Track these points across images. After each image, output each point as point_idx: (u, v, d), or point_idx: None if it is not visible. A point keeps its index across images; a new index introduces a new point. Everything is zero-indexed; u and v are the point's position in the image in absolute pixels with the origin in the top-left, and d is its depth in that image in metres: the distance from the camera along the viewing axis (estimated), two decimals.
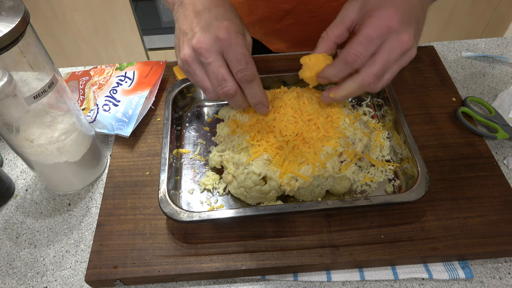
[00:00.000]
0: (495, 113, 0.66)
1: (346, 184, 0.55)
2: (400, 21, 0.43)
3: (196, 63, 0.47)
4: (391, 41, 0.44)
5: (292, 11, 0.77)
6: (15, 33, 0.42)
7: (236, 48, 0.45)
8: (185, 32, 0.47)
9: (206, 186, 0.58)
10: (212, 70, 0.46)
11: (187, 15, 0.47)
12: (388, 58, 0.44)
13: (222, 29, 0.44)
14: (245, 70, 0.45)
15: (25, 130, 0.51)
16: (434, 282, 0.51)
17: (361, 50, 0.44)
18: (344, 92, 0.50)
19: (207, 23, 0.45)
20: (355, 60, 0.45)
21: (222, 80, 0.46)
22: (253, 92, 0.48)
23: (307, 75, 0.52)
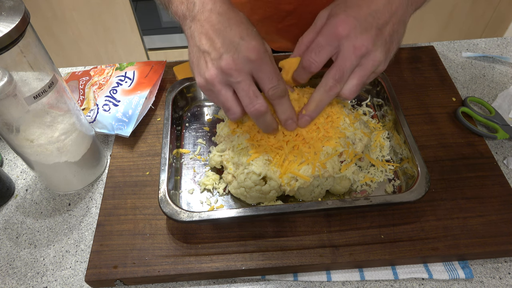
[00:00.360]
0: (495, 113, 0.66)
1: (346, 184, 0.55)
2: (351, 27, 0.46)
3: (221, 84, 0.46)
4: (344, 47, 0.46)
5: (293, 11, 0.77)
6: (15, 33, 0.42)
7: (267, 67, 0.46)
8: (207, 52, 0.46)
9: (206, 186, 0.58)
10: (242, 88, 0.46)
11: (206, 33, 0.46)
12: (343, 62, 0.47)
13: (252, 50, 0.44)
14: (277, 86, 0.47)
15: (25, 130, 0.51)
16: (434, 282, 0.51)
17: (313, 56, 0.48)
18: (314, 102, 0.51)
19: (233, 43, 0.45)
20: (310, 65, 0.49)
21: (254, 97, 0.46)
22: (284, 108, 0.49)
23: (284, 78, 0.55)
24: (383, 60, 0.48)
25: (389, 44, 0.48)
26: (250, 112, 0.47)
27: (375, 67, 0.48)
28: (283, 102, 0.49)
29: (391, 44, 0.48)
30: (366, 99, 0.68)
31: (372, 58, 0.47)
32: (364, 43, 0.46)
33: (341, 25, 0.46)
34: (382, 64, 0.48)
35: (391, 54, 0.50)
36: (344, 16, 0.46)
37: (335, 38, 0.47)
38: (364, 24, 0.46)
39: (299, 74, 0.52)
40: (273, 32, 0.84)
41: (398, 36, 0.49)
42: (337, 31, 0.46)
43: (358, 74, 0.48)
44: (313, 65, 0.49)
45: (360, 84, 0.49)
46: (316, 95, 0.51)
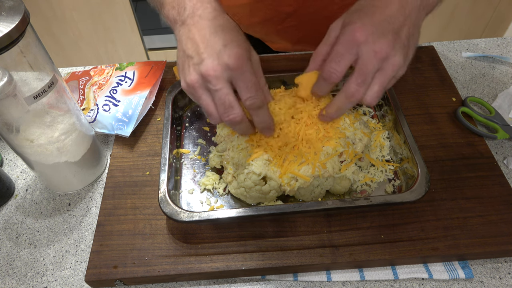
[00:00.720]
0: (495, 113, 0.66)
1: (346, 184, 0.55)
2: (368, 33, 0.46)
3: (202, 89, 0.46)
4: (364, 52, 0.46)
5: (293, 13, 0.77)
6: (15, 33, 0.42)
7: (246, 76, 0.45)
8: (191, 56, 0.46)
9: (206, 186, 0.58)
10: (219, 97, 0.45)
11: (192, 38, 0.46)
12: (364, 66, 0.47)
13: (233, 57, 0.44)
14: (254, 97, 0.46)
15: (25, 130, 0.51)
16: (434, 282, 0.51)
17: (334, 66, 0.48)
18: (334, 107, 0.51)
19: (215, 50, 0.44)
20: (330, 76, 0.48)
21: (229, 107, 0.45)
22: (261, 118, 0.49)
23: (302, 94, 0.55)
24: (403, 64, 0.48)
25: (407, 48, 0.48)
26: (225, 121, 0.47)
27: (395, 71, 0.47)
28: (260, 113, 0.48)
29: (409, 48, 0.48)
30: None
31: (392, 62, 0.47)
32: (383, 47, 0.46)
33: (358, 31, 0.46)
34: (402, 68, 0.48)
35: (410, 57, 0.49)
36: (360, 24, 0.46)
37: (353, 45, 0.46)
38: (381, 29, 0.46)
39: (320, 87, 0.52)
40: (273, 33, 0.84)
41: (414, 40, 0.49)
42: (355, 38, 0.46)
43: (379, 79, 0.48)
44: (334, 75, 0.48)
45: (381, 90, 0.48)
46: (338, 100, 0.50)
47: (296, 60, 0.60)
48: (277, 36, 0.84)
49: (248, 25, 0.83)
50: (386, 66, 0.47)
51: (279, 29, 0.81)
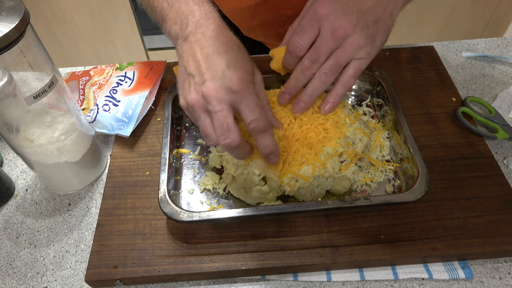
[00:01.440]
0: (495, 113, 0.66)
1: (346, 184, 0.55)
2: (332, 9, 0.46)
3: (201, 109, 0.45)
4: (324, 28, 0.47)
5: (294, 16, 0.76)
6: (15, 33, 0.42)
7: (249, 99, 0.44)
8: (192, 75, 0.45)
9: (206, 186, 0.58)
10: (217, 119, 0.44)
11: (194, 55, 0.45)
12: (319, 43, 0.48)
13: (235, 81, 0.43)
14: (258, 120, 0.45)
15: (25, 130, 0.51)
16: (434, 282, 0.51)
17: (297, 39, 0.49)
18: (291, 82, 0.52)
19: (218, 71, 0.44)
20: (294, 49, 0.49)
21: (227, 131, 0.44)
22: (265, 143, 0.47)
23: (275, 66, 0.56)
24: (365, 44, 0.48)
25: (372, 30, 0.48)
26: (222, 145, 0.45)
27: (355, 50, 0.48)
28: (264, 137, 0.47)
29: (376, 31, 0.48)
30: (366, 99, 0.68)
31: (351, 40, 0.47)
32: (343, 25, 0.46)
33: (322, 6, 0.47)
34: (365, 49, 0.48)
35: (378, 42, 0.49)
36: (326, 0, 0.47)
37: (315, 20, 0.47)
38: (345, 8, 0.46)
39: (287, 60, 0.53)
40: (273, 37, 0.84)
41: (384, 25, 0.49)
42: (318, 13, 0.47)
43: (335, 55, 0.48)
44: (297, 48, 0.49)
45: (334, 64, 0.48)
46: (294, 74, 0.52)
47: None
48: (277, 39, 0.84)
49: (248, 28, 0.83)
50: (345, 44, 0.48)
51: (279, 32, 0.81)
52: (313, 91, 0.51)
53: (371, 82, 0.67)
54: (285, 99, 0.54)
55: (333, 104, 0.53)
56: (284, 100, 0.54)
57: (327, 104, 0.54)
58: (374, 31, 0.48)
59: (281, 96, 0.55)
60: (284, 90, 0.53)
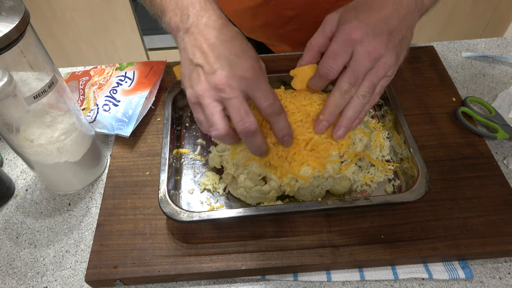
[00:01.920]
0: (495, 113, 0.66)
1: (346, 184, 0.55)
2: (364, 32, 0.47)
3: (212, 98, 0.45)
4: (358, 51, 0.48)
5: (295, 17, 0.77)
6: (15, 33, 0.42)
7: (263, 85, 0.46)
8: (201, 65, 0.45)
9: (206, 186, 0.58)
10: (234, 105, 0.44)
11: (199, 46, 0.45)
12: (356, 66, 0.48)
13: (248, 69, 0.44)
14: (273, 104, 0.46)
15: (25, 130, 0.51)
16: (434, 282, 0.51)
17: (330, 63, 0.49)
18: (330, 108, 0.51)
19: (228, 60, 0.44)
20: (327, 73, 0.50)
21: (245, 115, 0.45)
22: (281, 125, 0.49)
23: (298, 87, 0.56)
24: (394, 64, 0.49)
25: (399, 49, 0.49)
26: (240, 130, 0.45)
27: (386, 70, 0.49)
28: (280, 119, 0.48)
29: (401, 49, 0.50)
30: None
31: (383, 61, 0.48)
32: (377, 47, 0.47)
33: (354, 31, 0.47)
34: (393, 68, 0.49)
35: (401, 59, 0.50)
36: (356, 22, 0.47)
37: (349, 44, 0.48)
38: (376, 29, 0.47)
39: (315, 82, 0.53)
40: (274, 38, 0.84)
41: (406, 41, 0.50)
42: (351, 37, 0.47)
43: (370, 77, 0.49)
44: (330, 72, 0.49)
45: (371, 86, 0.49)
46: (332, 100, 0.51)
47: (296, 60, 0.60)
48: (278, 40, 0.84)
49: (250, 29, 0.83)
50: (378, 65, 0.48)
51: (280, 33, 0.81)
52: (353, 114, 0.51)
53: None
54: (324, 127, 0.52)
55: (360, 119, 0.53)
56: (323, 129, 0.53)
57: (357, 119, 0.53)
58: (399, 49, 0.49)
59: (319, 125, 0.52)
60: (323, 118, 0.52)
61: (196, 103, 0.47)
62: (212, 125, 0.46)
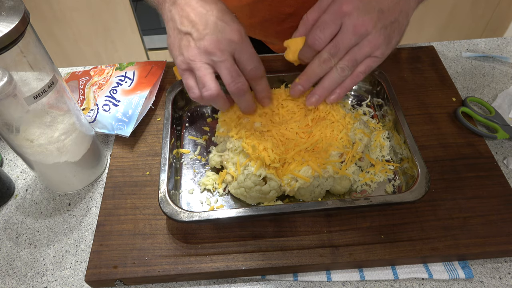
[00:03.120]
0: (495, 113, 0.66)
1: (346, 184, 0.55)
2: (355, 7, 0.48)
3: (202, 61, 0.48)
4: (345, 24, 0.48)
5: (293, 14, 0.77)
6: (15, 33, 0.42)
7: (248, 49, 0.49)
8: (189, 33, 0.48)
9: (206, 186, 0.58)
10: (226, 67, 0.48)
11: (187, 16, 0.48)
12: (340, 38, 0.49)
13: (235, 32, 0.48)
14: (258, 67, 0.50)
15: (25, 130, 0.51)
16: (434, 282, 0.51)
17: (318, 33, 0.50)
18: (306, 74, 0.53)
19: (216, 26, 0.47)
20: (314, 42, 0.50)
21: (237, 76, 0.48)
22: (262, 87, 0.53)
23: (290, 57, 0.56)
24: (382, 44, 0.49)
25: (389, 31, 0.49)
26: (233, 90, 0.49)
27: (372, 49, 0.49)
28: (262, 82, 0.52)
29: (392, 32, 0.50)
30: (366, 99, 0.68)
31: (369, 38, 0.49)
32: (364, 23, 0.48)
33: (345, 4, 0.48)
34: (381, 48, 0.50)
35: (393, 42, 0.51)
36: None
37: (338, 16, 0.48)
38: (367, 6, 0.48)
39: (304, 52, 0.53)
40: (272, 35, 0.84)
41: (400, 26, 0.50)
42: (341, 9, 0.48)
43: (352, 52, 0.50)
44: (317, 42, 0.50)
45: (352, 60, 0.50)
46: (310, 67, 0.53)
47: None
48: (276, 37, 0.84)
49: (248, 26, 0.83)
50: (363, 42, 0.49)
51: (278, 30, 0.81)
52: (329, 85, 0.52)
53: (371, 82, 0.67)
54: (298, 91, 0.55)
55: (339, 95, 0.54)
56: (297, 92, 0.55)
57: (333, 94, 0.54)
58: (391, 31, 0.49)
59: (294, 88, 0.55)
60: (298, 82, 0.54)
61: (187, 69, 0.50)
62: (204, 86, 0.48)
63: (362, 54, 0.50)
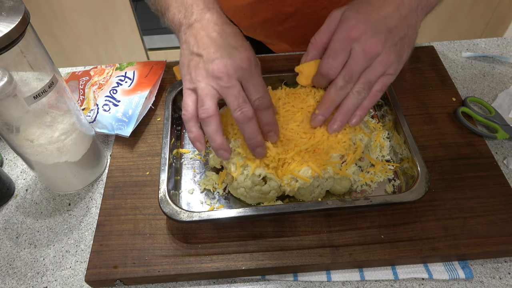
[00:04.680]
0: (495, 113, 0.66)
1: (346, 184, 0.55)
2: (362, 31, 0.48)
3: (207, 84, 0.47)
4: (355, 50, 0.49)
5: (294, 14, 0.77)
6: (15, 33, 0.42)
7: (257, 78, 0.48)
8: (200, 55, 0.48)
9: (206, 186, 0.58)
10: (232, 93, 0.47)
11: (201, 39, 0.48)
12: (352, 64, 0.49)
13: (245, 60, 0.47)
14: (264, 97, 0.48)
15: (25, 130, 0.51)
16: (434, 282, 0.51)
17: (331, 62, 0.51)
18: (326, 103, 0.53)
19: (227, 51, 0.47)
20: (328, 72, 0.51)
21: (243, 103, 0.47)
22: (268, 119, 0.51)
23: (304, 83, 0.58)
24: (393, 62, 0.50)
25: (399, 47, 0.50)
26: (237, 116, 0.47)
27: (385, 68, 0.50)
28: (268, 113, 0.50)
29: (402, 47, 0.50)
30: None
31: (380, 59, 0.49)
32: (373, 45, 0.48)
33: (352, 30, 0.48)
34: (393, 66, 0.50)
35: (404, 57, 0.51)
36: (354, 22, 0.49)
37: (347, 42, 0.49)
38: (374, 28, 0.48)
39: (318, 80, 0.55)
40: (273, 36, 0.84)
41: (409, 40, 0.51)
42: (349, 35, 0.49)
43: (366, 74, 0.50)
44: (331, 71, 0.51)
45: (366, 83, 0.50)
46: (327, 95, 0.52)
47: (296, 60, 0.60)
48: (277, 38, 0.84)
49: (248, 27, 0.83)
50: (375, 63, 0.49)
51: (279, 30, 0.81)
52: (348, 110, 0.52)
53: None
54: (320, 121, 0.54)
55: (361, 116, 0.53)
56: (318, 122, 0.54)
57: (354, 117, 0.53)
58: (401, 47, 0.50)
59: (315, 119, 0.54)
60: (319, 113, 0.53)
61: (191, 88, 0.49)
62: (203, 105, 0.48)
63: (375, 74, 0.50)
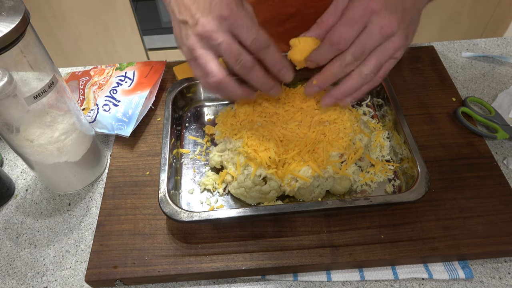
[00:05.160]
0: (495, 113, 0.66)
1: (346, 184, 0.55)
2: (382, 5, 0.44)
3: (203, 48, 0.46)
4: (372, 25, 0.45)
5: (295, 14, 0.77)
6: (15, 33, 0.42)
7: (242, 21, 0.45)
8: (185, 21, 0.46)
9: (206, 186, 0.58)
10: (224, 48, 0.45)
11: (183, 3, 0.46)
12: (366, 39, 0.45)
13: (224, 7, 0.44)
14: (257, 38, 0.45)
15: (25, 130, 0.51)
16: (434, 282, 0.51)
17: (345, 31, 0.46)
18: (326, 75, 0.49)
19: (206, 5, 0.45)
20: (339, 41, 0.46)
21: (238, 54, 0.45)
22: (272, 58, 0.47)
23: (296, 57, 0.52)
24: (402, 45, 0.47)
25: (408, 31, 0.47)
26: (238, 69, 0.46)
27: (395, 50, 0.47)
28: (269, 52, 0.47)
29: (409, 32, 0.47)
30: (366, 99, 0.68)
31: (393, 40, 0.46)
32: (390, 23, 0.45)
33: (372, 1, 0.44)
34: (401, 50, 0.47)
35: (409, 42, 0.48)
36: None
37: (366, 13, 0.45)
38: (392, 5, 0.45)
39: (321, 53, 0.49)
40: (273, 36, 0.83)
41: (414, 25, 0.48)
42: (370, 5, 0.44)
43: (377, 54, 0.47)
44: (343, 40, 0.46)
45: (377, 65, 0.47)
46: (331, 68, 0.48)
47: None
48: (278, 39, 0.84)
49: None
50: (387, 43, 0.46)
51: (279, 31, 0.81)
52: (349, 90, 0.49)
53: None
54: (315, 92, 0.51)
55: (355, 99, 0.51)
56: (312, 92, 0.51)
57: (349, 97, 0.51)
58: (409, 31, 0.47)
59: (309, 88, 0.51)
60: (316, 83, 0.50)
61: (191, 58, 0.47)
62: (207, 74, 0.46)
63: (386, 56, 0.47)
